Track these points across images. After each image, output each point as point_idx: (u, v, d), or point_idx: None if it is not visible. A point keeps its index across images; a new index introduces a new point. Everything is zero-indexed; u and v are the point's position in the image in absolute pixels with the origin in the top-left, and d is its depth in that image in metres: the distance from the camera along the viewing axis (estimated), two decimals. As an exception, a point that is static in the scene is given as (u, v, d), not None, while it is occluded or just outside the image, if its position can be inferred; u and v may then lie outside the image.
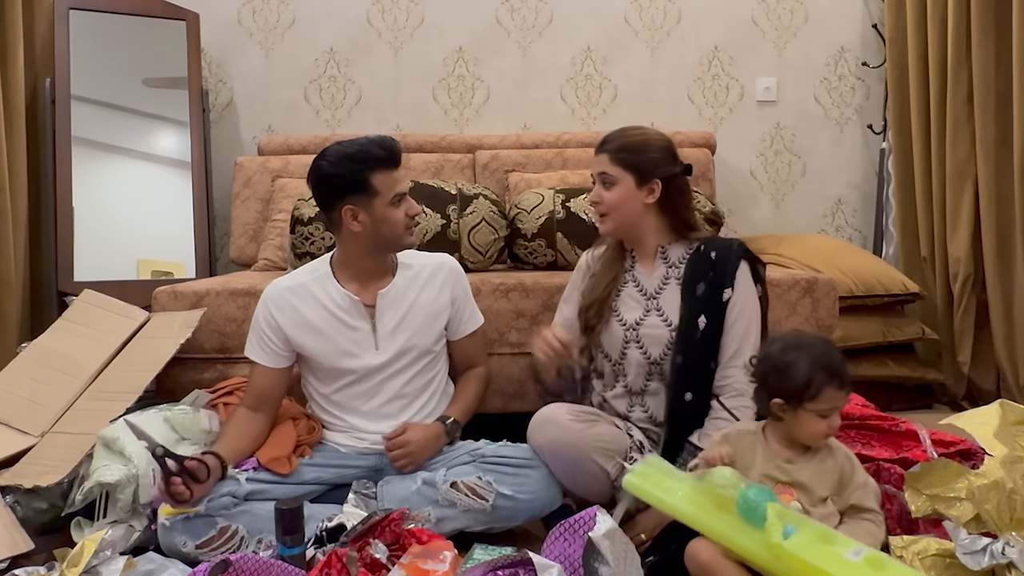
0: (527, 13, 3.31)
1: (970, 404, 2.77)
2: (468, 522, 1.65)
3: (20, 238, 2.79)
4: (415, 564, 1.40)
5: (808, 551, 1.21)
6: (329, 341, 1.75)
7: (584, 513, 1.36)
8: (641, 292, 1.80)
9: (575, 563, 1.32)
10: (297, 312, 1.76)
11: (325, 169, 1.69)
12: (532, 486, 1.66)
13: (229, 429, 1.74)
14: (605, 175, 1.75)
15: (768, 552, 1.23)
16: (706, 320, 1.71)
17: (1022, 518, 1.40)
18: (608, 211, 1.76)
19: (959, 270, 2.85)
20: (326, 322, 1.75)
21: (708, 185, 3.02)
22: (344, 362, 1.76)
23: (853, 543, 1.24)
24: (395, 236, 1.73)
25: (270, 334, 1.76)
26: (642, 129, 1.82)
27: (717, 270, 1.73)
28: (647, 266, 1.82)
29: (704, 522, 1.31)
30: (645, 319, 1.77)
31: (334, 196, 1.71)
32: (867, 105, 3.36)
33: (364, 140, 1.70)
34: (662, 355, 1.75)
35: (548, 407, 1.73)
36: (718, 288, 1.72)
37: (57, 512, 1.72)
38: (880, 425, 1.80)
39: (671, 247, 1.80)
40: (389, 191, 1.68)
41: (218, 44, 3.29)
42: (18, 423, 1.92)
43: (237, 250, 2.98)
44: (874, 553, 1.23)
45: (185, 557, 1.55)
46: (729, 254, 1.75)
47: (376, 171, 1.67)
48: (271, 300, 1.78)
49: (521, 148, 3.08)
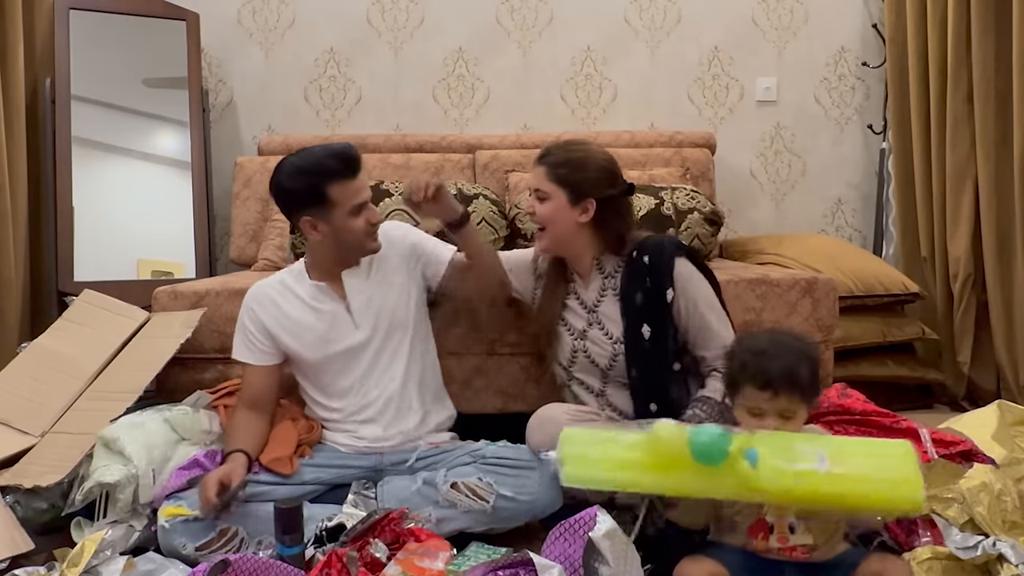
0: (527, 13, 3.31)
1: (970, 404, 2.77)
2: (468, 523, 1.65)
3: (20, 238, 2.79)
4: (411, 561, 1.40)
5: (778, 478, 1.21)
6: (309, 331, 1.78)
7: (584, 513, 1.36)
8: (582, 306, 1.82)
9: (575, 563, 1.32)
10: (277, 307, 1.79)
11: (282, 183, 1.71)
12: (532, 488, 1.66)
13: (238, 430, 1.74)
14: (539, 190, 1.76)
15: (742, 486, 1.22)
16: (650, 328, 1.71)
17: (1014, 520, 1.41)
18: (542, 224, 1.77)
19: (959, 270, 2.85)
20: (303, 313, 1.78)
21: (708, 185, 3.02)
22: (328, 348, 1.77)
23: (813, 447, 1.24)
24: (356, 243, 1.74)
25: (254, 331, 1.79)
26: (584, 146, 1.81)
27: (653, 275, 1.72)
28: (584, 279, 1.83)
29: (663, 483, 1.27)
30: (589, 331, 1.80)
31: (292, 208, 1.73)
32: (867, 105, 3.36)
33: (320, 151, 1.70)
34: (608, 365, 1.78)
35: (547, 406, 1.74)
36: (659, 292, 1.71)
37: (57, 512, 1.72)
38: (880, 422, 1.80)
39: (604, 257, 1.81)
40: (347, 202, 1.68)
41: (218, 44, 3.29)
42: (18, 423, 1.92)
43: (237, 250, 2.98)
44: (832, 447, 1.25)
45: (185, 559, 1.55)
46: (662, 254, 1.73)
47: (332, 183, 1.67)
48: (252, 298, 1.82)
49: (521, 148, 3.08)
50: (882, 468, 1.22)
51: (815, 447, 1.24)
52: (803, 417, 1.43)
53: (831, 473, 1.20)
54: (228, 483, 1.57)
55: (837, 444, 1.29)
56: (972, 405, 2.68)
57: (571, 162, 1.75)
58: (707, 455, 1.22)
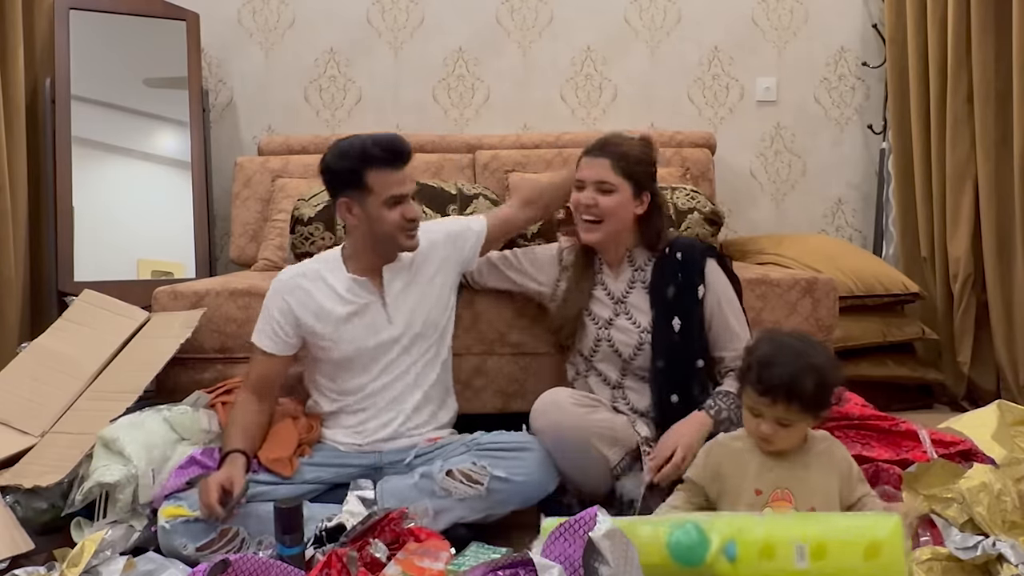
0: (527, 13, 3.31)
1: (970, 404, 2.77)
2: (464, 512, 1.64)
3: (20, 238, 2.79)
4: (411, 561, 1.40)
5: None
6: (341, 323, 1.76)
7: (584, 513, 1.35)
8: (609, 296, 1.83)
9: (575, 563, 1.32)
10: (310, 296, 1.77)
11: (328, 162, 1.75)
12: (525, 468, 1.65)
13: (238, 420, 1.74)
14: (605, 182, 1.74)
15: None
16: (680, 321, 1.74)
17: (1014, 520, 1.41)
18: (603, 217, 1.76)
19: (959, 270, 2.85)
20: (336, 305, 1.77)
21: (708, 185, 3.02)
22: (358, 342, 1.77)
23: (793, 538, 1.25)
24: (388, 236, 1.74)
25: (282, 322, 1.77)
26: (632, 140, 1.82)
27: (685, 271, 1.75)
28: (613, 270, 1.84)
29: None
30: (615, 320, 1.81)
31: (333, 188, 1.77)
32: (867, 105, 3.36)
33: (368, 138, 1.72)
34: (632, 355, 1.78)
35: (552, 390, 1.74)
36: (690, 288, 1.74)
37: (57, 512, 1.72)
38: (880, 425, 1.80)
39: (636, 250, 1.83)
40: (384, 191, 1.70)
41: (218, 44, 3.29)
42: (18, 423, 1.92)
43: (237, 250, 2.98)
44: (815, 534, 1.26)
45: (186, 559, 1.55)
46: (694, 252, 1.78)
47: (372, 170, 1.69)
48: (284, 288, 1.79)
49: (521, 148, 3.08)
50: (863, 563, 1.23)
51: (796, 537, 1.25)
52: (803, 428, 1.42)
53: (808, 571, 1.23)
54: (230, 489, 1.57)
55: (820, 531, 1.28)
56: (972, 405, 2.68)
57: (632, 155, 1.76)
58: (685, 557, 1.28)
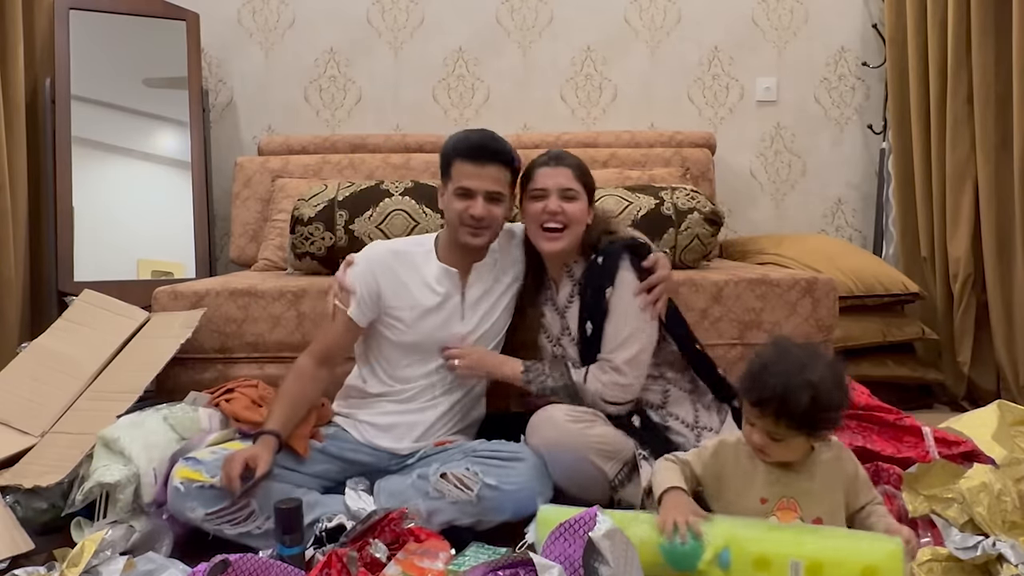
0: (527, 13, 3.31)
1: (970, 404, 2.77)
2: (456, 515, 1.64)
3: (20, 238, 2.79)
4: (411, 561, 1.41)
5: None
6: (420, 310, 1.79)
7: (584, 513, 1.36)
8: (555, 310, 1.86)
9: (575, 563, 1.32)
10: (396, 276, 1.80)
11: (443, 146, 1.84)
12: (517, 477, 1.65)
13: (288, 392, 1.73)
14: (570, 189, 1.78)
15: None
16: (592, 324, 1.74)
17: (1014, 521, 1.41)
18: (569, 223, 1.77)
19: (959, 270, 2.85)
20: (420, 290, 1.80)
21: (708, 185, 3.02)
22: (430, 332, 1.80)
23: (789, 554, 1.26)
24: (452, 225, 1.78)
25: (365, 294, 1.78)
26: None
27: (603, 274, 1.75)
28: (558, 284, 1.87)
29: None
30: (562, 338, 1.84)
31: (441, 172, 1.84)
32: (867, 105, 3.36)
33: (472, 132, 1.82)
34: (577, 364, 1.79)
35: (547, 407, 1.74)
36: (602, 289, 1.74)
37: (57, 512, 1.72)
38: (884, 418, 1.80)
39: (575, 264, 1.84)
40: (458, 180, 1.75)
41: (218, 44, 3.30)
42: (18, 423, 1.92)
43: (237, 250, 2.99)
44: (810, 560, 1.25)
45: (188, 523, 1.57)
46: (614, 254, 1.77)
47: (456, 160, 1.76)
48: (376, 262, 1.81)
49: (521, 148, 3.02)
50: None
51: (793, 553, 1.25)
52: (800, 445, 1.37)
53: None
54: (254, 466, 1.57)
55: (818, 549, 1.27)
56: (972, 405, 2.68)
57: (582, 165, 1.83)
58: (679, 562, 1.30)
